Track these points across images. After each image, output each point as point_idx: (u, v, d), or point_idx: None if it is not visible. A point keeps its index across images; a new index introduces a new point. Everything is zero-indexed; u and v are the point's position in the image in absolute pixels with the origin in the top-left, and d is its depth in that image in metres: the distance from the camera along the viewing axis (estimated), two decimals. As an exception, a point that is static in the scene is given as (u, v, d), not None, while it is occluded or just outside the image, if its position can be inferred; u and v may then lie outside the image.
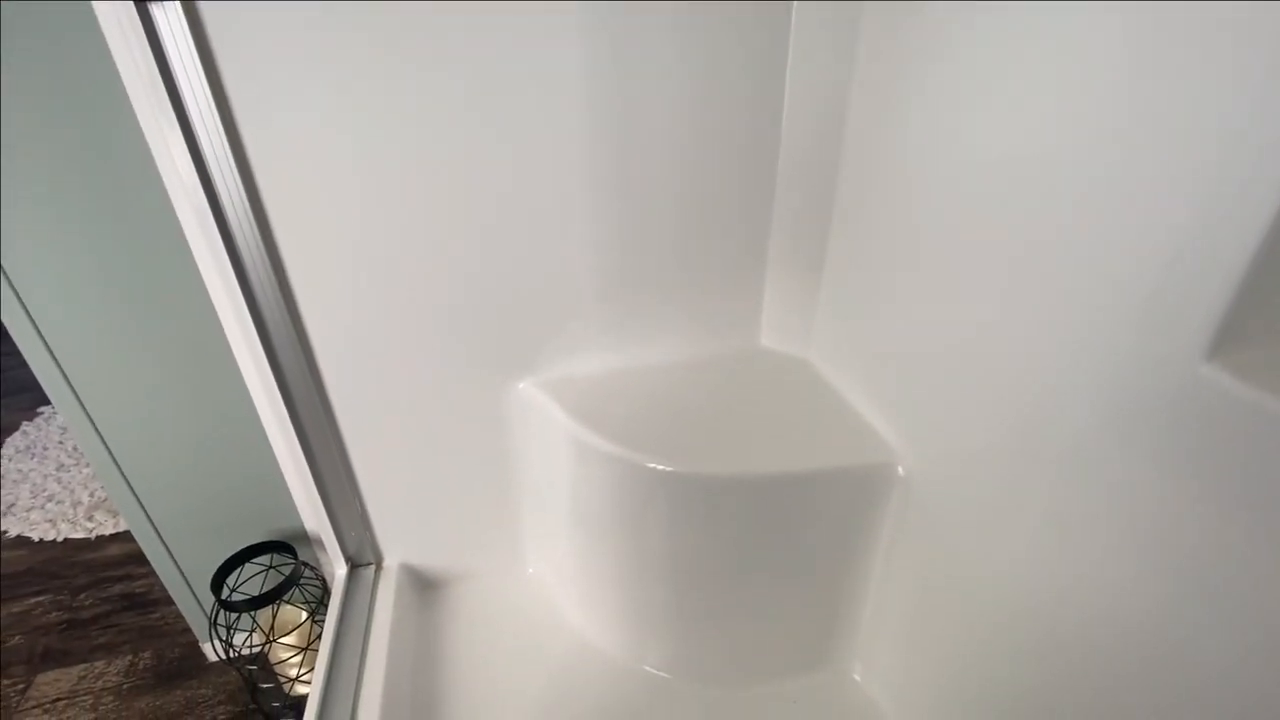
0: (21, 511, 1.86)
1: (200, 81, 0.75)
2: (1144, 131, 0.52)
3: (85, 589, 1.59)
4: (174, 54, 0.73)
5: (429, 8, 0.79)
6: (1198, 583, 0.52)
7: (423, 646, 1.12)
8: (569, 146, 0.91)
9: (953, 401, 0.79)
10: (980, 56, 0.68)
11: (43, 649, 1.43)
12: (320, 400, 0.99)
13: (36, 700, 1.31)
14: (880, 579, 0.98)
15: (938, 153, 0.76)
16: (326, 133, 0.83)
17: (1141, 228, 0.53)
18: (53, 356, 1.02)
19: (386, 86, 0.82)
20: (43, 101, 0.87)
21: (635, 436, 0.97)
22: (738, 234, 1.05)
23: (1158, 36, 0.50)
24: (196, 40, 0.73)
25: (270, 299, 0.89)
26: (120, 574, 1.62)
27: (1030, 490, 0.69)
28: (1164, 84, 0.50)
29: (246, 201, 0.82)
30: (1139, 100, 0.52)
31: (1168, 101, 0.50)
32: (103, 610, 1.52)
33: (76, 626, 1.48)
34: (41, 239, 0.95)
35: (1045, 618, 0.69)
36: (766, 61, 0.92)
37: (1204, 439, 0.50)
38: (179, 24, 0.72)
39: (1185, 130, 0.49)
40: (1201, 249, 0.48)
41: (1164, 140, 0.50)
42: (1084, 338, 0.60)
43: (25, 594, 1.59)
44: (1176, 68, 0.49)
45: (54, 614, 1.52)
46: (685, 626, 1.08)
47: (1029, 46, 0.62)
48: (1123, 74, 0.53)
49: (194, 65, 0.74)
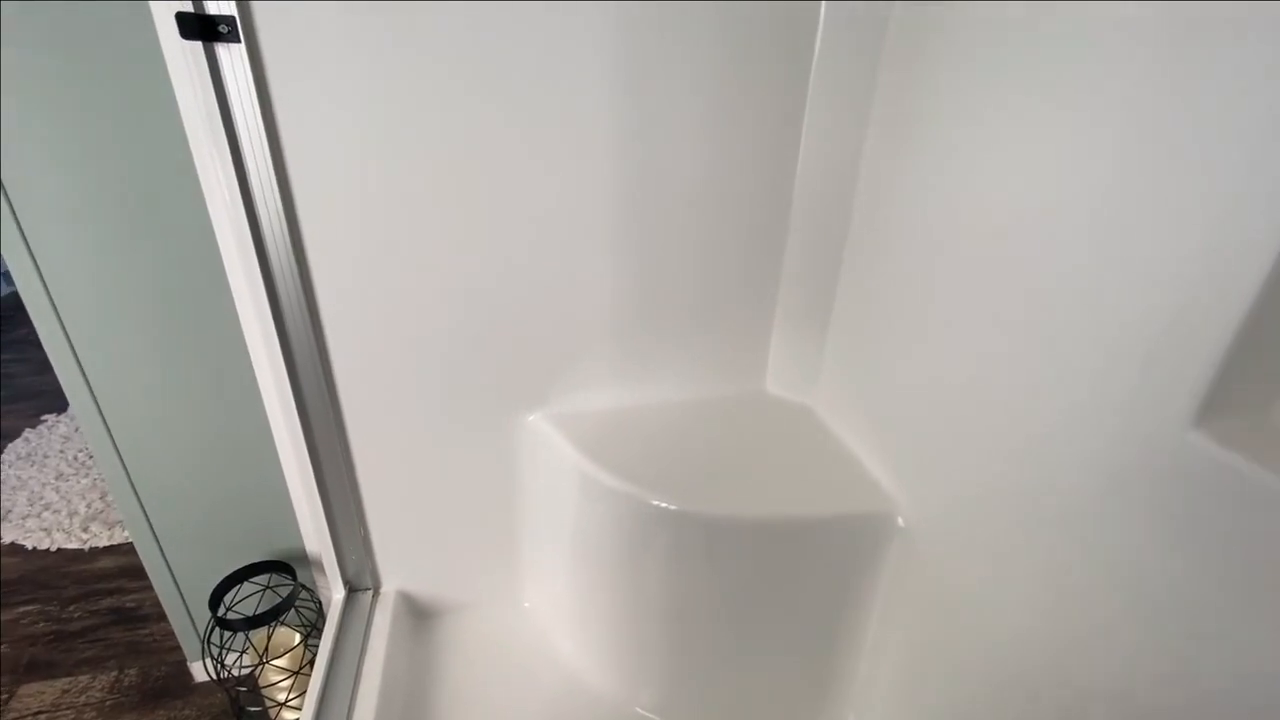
0: (17, 519, 1.86)
1: (255, 115, 0.80)
2: (1142, 198, 0.55)
3: (75, 600, 1.57)
4: (233, 89, 0.78)
5: (469, 54, 0.84)
6: (1198, 653, 0.53)
7: (416, 675, 1.11)
8: (592, 190, 0.96)
9: (953, 456, 0.82)
10: (987, 120, 0.73)
11: (28, 659, 1.41)
12: (335, 420, 1.01)
13: (19, 712, 1.29)
14: (877, 629, 0.99)
15: (943, 215, 0.81)
16: (365, 166, 0.88)
17: (1135, 300, 0.57)
18: (76, 358, 1.05)
19: (423, 124, 0.87)
20: (98, 121, 0.92)
21: (640, 473, 0.99)
22: (749, 283, 1.09)
23: (1156, 101, 0.54)
24: (255, 77, 0.78)
25: (298, 323, 0.92)
26: (112, 587, 1.61)
27: (1029, 548, 0.71)
28: (1161, 149, 0.53)
29: (285, 227, 0.86)
30: (1137, 169, 0.56)
31: (1166, 168, 0.53)
32: (91, 623, 1.51)
33: (64, 639, 1.46)
34: (80, 249, 0.98)
35: (1041, 678, 0.70)
36: (783, 121, 0.98)
37: (1191, 504, 0.52)
38: (241, 63, 0.77)
39: (1181, 196, 0.52)
40: (1193, 318, 0.52)
41: (1162, 207, 0.54)
42: (1081, 400, 0.63)
43: (15, 602, 1.57)
44: (1170, 134, 0.53)
45: (42, 624, 1.51)
46: (679, 669, 1.08)
47: (1032, 113, 0.67)
48: (1135, 129, 0.56)
49: (251, 100, 0.79)
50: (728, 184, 1.01)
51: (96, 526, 1.82)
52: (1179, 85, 0.52)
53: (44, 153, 0.92)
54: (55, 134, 0.91)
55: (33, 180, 0.93)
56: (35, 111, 0.89)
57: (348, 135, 0.85)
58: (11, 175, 0.92)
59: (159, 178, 0.96)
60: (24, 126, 0.90)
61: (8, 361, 2.91)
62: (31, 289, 0.99)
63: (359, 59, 0.82)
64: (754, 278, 1.10)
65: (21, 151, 0.91)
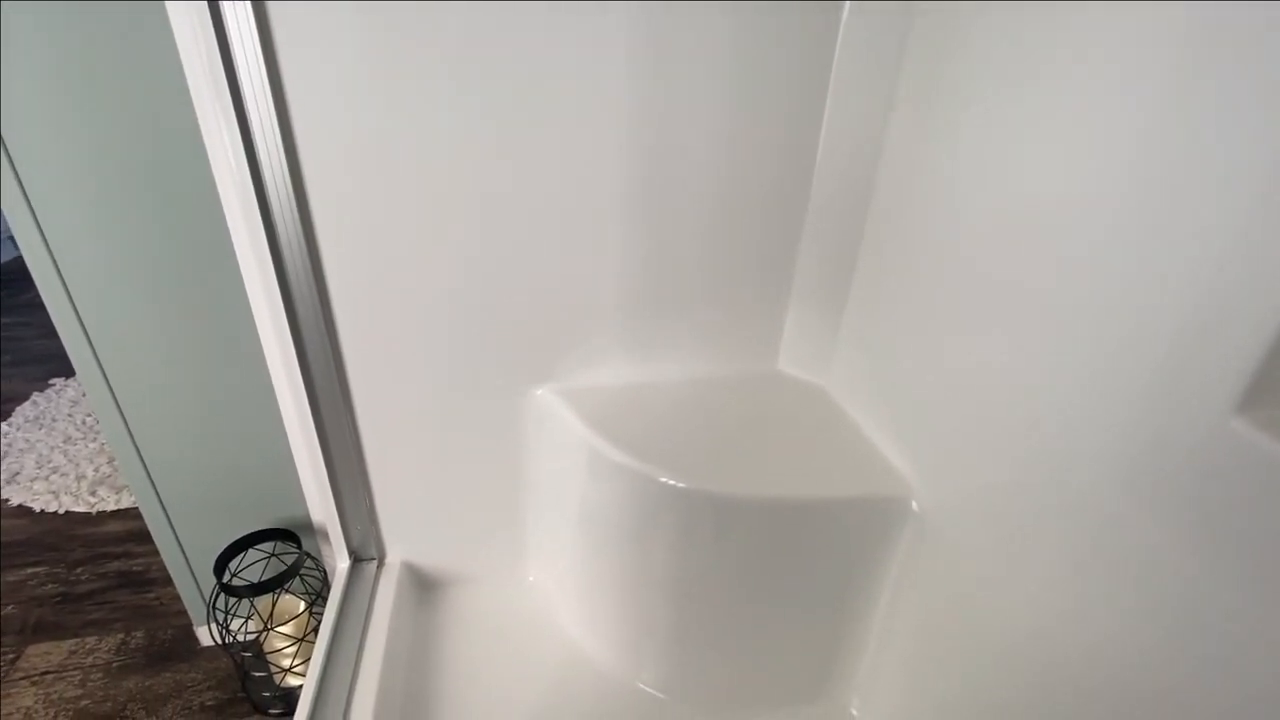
0: (25, 481, 1.87)
1: (261, 77, 0.77)
2: (1182, 173, 0.53)
3: (82, 563, 1.59)
4: (239, 50, 0.76)
5: (486, 18, 0.81)
6: (1219, 655, 0.51)
7: (419, 646, 1.11)
8: (606, 161, 0.93)
9: (972, 442, 0.80)
10: (1015, 98, 0.70)
11: (35, 620, 1.42)
12: (341, 389, 1.00)
13: (25, 672, 1.30)
14: (885, 614, 0.98)
15: (968, 193, 0.78)
16: (374, 132, 0.85)
17: (1171, 273, 0.54)
18: (81, 324, 1.04)
19: (435, 90, 0.84)
20: (103, 85, 0.89)
21: (648, 450, 0.97)
22: (765, 261, 1.07)
23: (1197, 74, 0.51)
24: (262, 38, 0.76)
25: (304, 288, 0.91)
26: (119, 551, 1.62)
27: (1043, 536, 0.69)
28: (1206, 119, 0.51)
29: (292, 193, 0.84)
30: (1180, 136, 0.53)
31: (1210, 140, 0.51)
32: (98, 586, 1.52)
33: (71, 600, 1.48)
34: (85, 215, 0.97)
35: (1051, 670, 0.68)
36: (806, 97, 0.94)
37: (1231, 495, 0.50)
38: (247, 22, 0.74)
39: (1228, 168, 0.50)
40: (1237, 296, 0.49)
41: (1200, 183, 0.51)
42: (1110, 387, 0.60)
43: (22, 563, 1.59)
44: (1214, 104, 0.50)
45: (49, 586, 1.52)
46: (683, 647, 1.07)
47: (1063, 87, 0.64)
48: (1168, 108, 0.54)
49: (257, 61, 0.76)
50: (746, 158, 0.97)
51: (104, 490, 1.82)
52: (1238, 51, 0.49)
53: (47, 115, 0.90)
54: (58, 97, 0.89)
55: (35, 143, 0.91)
56: (37, 74, 0.87)
57: (356, 97, 0.82)
58: (14, 138, 0.90)
59: (163, 140, 0.94)
60: (27, 89, 0.88)
61: (15, 325, 2.92)
62: (36, 253, 0.98)
63: (368, 16, 0.79)
64: (770, 254, 1.07)
65: (24, 114, 0.89)
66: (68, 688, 1.27)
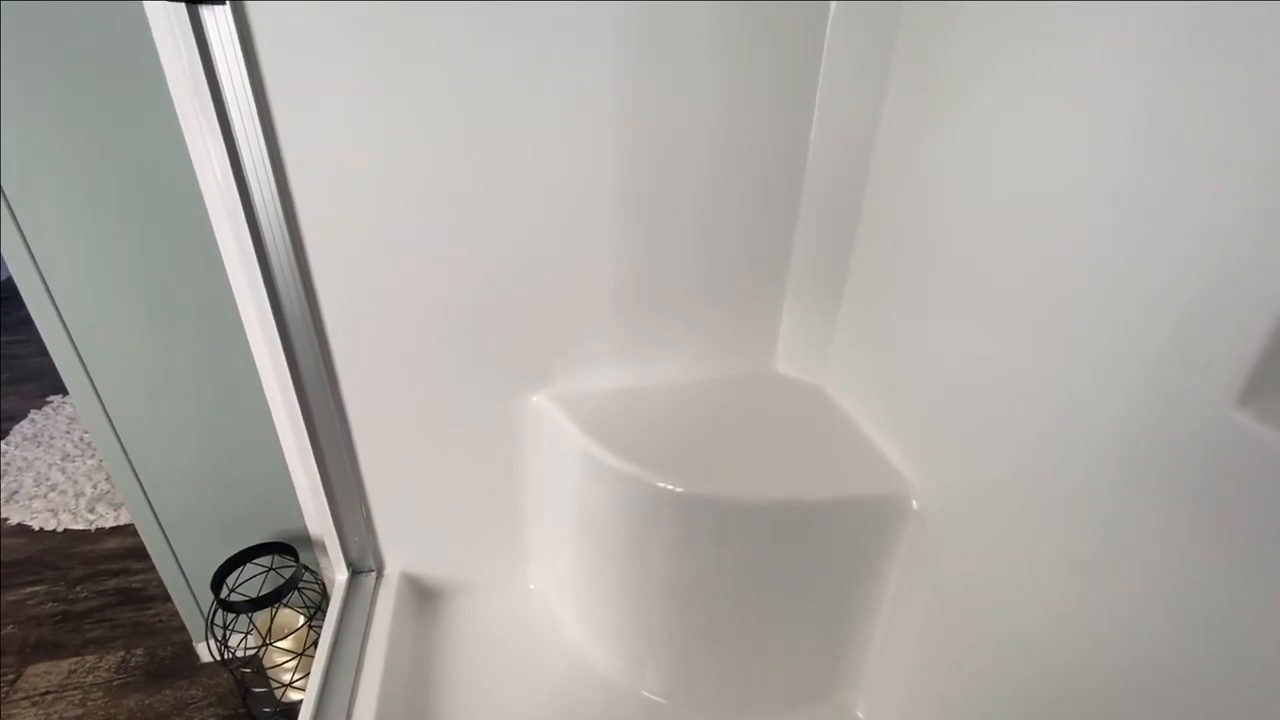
0: (24, 499, 1.86)
1: (242, 81, 0.76)
2: (1176, 163, 0.52)
3: (81, 581, 1.58)
4: (219, 54, 0.75)
5: (473, 16, 0.80)
6: (1225, 647, 0.51)
7: (420, 657, 1.10)
8: (598, 163, 0.92)
9: (971, 438, 0.79)
10: (1008, 89, 0.69)
11: (35, 639, 1.41)
12: (334, 400, 0.99)
13: (25, 692, 1.29)
14: (889, 613, 0.97)
15: (962, 186, 0.77)
16: (360, 135, 0.84)
17: (1171, 262, 0.53)
18: (72, 343, 1.03)
19: (421, 90, 0.83)
20: (84, 94, 0.89)
21: (646, 455, 0.96)
22: (759, 259, 1.06)
23: (1195, 59, 0.50)
24: (242, 41, 0.75)
25: (293, 298, 0.90)
26: (117, 568, 1.61)
27: (1046, 531, 0.68)
28: (1205, 105, 0.50)
29: (278, 201, 0.83)
30: (1179, 124, 0.52)
31: (1210, 127, 0.50)
32: (97, 604, 1.51)
33: (70, 619, 1.47)
34: (73, 232, 0.96)
35: (1056, 666, 0.67)
36: (796, 91, 0.94)
37: (1234, 487, 0.49)
38: (227, 26, 0.73)
39: (1223, 163, 0.49)
40: (1237, 285, 0.48)
41: (1200, 172, 0.50)
42: (1108, 380, 0.59)
43: (22, 582, 1.58)
44: (1213, 92, 0.49)
45: (49, 605, 1.51)
46: (685, 652, 1.06)
47: (1057, 76, 0.63)
48: (1164, 96, 0.53)
49: (238, 65, 0.76)
50: (738, 156, 0.96)
51: (103, 507, 1.82)
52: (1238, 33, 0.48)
53: (31, 133, 0.89)
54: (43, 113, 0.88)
55: (19, 160, 0.90)
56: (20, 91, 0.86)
57: (341, 99, 0.81)
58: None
59: (148, 152, 0.93)
60: (9, 106, 0.87)
61: (13, 343, 2.91)
62: (25, 273, 0.97)
63: (351, 16, 0.78)
64: (764, 254, 1.06)
65: (7, 130, 0.88)
66: (68, 708, 1.26)
